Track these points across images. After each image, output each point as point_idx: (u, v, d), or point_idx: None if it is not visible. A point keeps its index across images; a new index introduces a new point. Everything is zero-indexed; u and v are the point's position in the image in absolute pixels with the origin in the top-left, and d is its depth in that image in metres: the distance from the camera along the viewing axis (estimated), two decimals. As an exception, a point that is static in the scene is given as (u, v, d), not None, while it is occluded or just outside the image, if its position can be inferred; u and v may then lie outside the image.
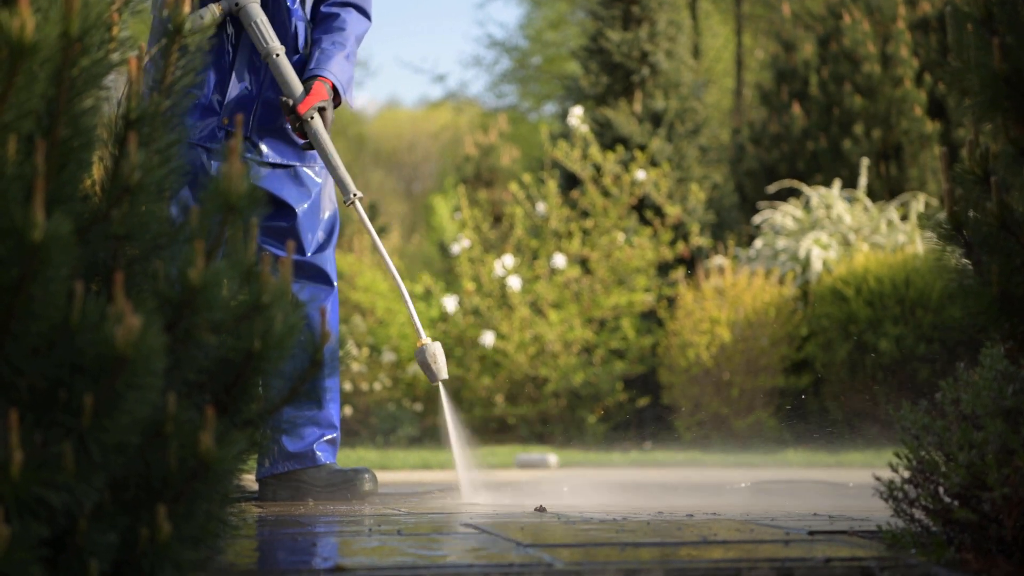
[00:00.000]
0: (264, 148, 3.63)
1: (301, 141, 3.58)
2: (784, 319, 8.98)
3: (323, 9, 3.72)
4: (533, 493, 3.93)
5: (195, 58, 1.90)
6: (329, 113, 3.55)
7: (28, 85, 1.54)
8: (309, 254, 3.68)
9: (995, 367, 2.03)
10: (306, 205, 3.68)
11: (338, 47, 3.62)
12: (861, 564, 1.90)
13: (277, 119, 3.64)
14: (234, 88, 3.58)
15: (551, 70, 20.88)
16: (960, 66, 2.11)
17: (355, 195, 3.54)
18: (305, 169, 3.70)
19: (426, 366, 3.57)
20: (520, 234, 10.19)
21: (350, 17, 3.69)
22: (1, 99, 1.52)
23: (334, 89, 3.59)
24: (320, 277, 3.70)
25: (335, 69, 3.59)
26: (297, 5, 3.67)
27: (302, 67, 3.66)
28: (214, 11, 3.48)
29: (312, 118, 3.50)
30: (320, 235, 3.71)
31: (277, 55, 3.52)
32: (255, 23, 3.52)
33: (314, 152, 3.65)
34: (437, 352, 3.55)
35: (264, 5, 3.59)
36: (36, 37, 1.51)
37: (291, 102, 3.52)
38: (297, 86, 3.53)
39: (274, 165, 3.65)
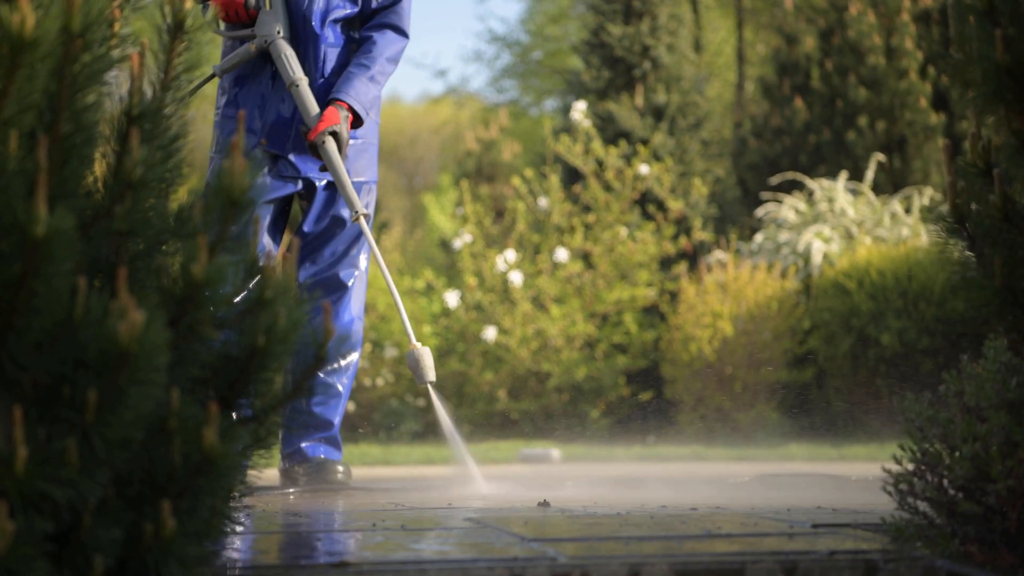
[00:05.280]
0: (299, 165, 3.96)
1: (319, 162, 3.90)
2: (786, 313, 8.97)
3: (361, 33, 4.02)
4: (535, 487, 3.94)
5: (197, 55, 1.90)
6: (344, 134, 3.84)
7: (29, 80, 1.54)
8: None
9: (998, 359, 2.02)
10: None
11: (362, 69, 3.91)
12: (865, 557, 1.90)
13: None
14: (271, 112, 3.92)
15: (552, 65, 20.85)
16: (963, 58, 2.11)
17: (360, 213, 3.84)
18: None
19: (415, 368, 3.84)
20: (522, 229, 10.19)
21: (383, 39, 3.97)
22: (2, 94, 1.52)
23: (353, 111, 3.87)
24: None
25: (354, 92, 3.88)
26: (326, 31, 3.95)
27: (329, 91, 3.98)
28: (250, 48, 3.90)
29: (323, 142, 3.80)
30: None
31: (297, 85, 3.86)
32: (282, 56, 3.87)
33: (348, 167, 3.97)
34: (425, 356, 3.81)
35: (295, 35, 3.93)
36: (37, 32, 1.51)
37: (305, 128, 3.87)
38: (313, 112, 3.84)
39: (303, 179, 3.98)
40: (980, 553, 1.92)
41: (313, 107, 3.83)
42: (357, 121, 3.90)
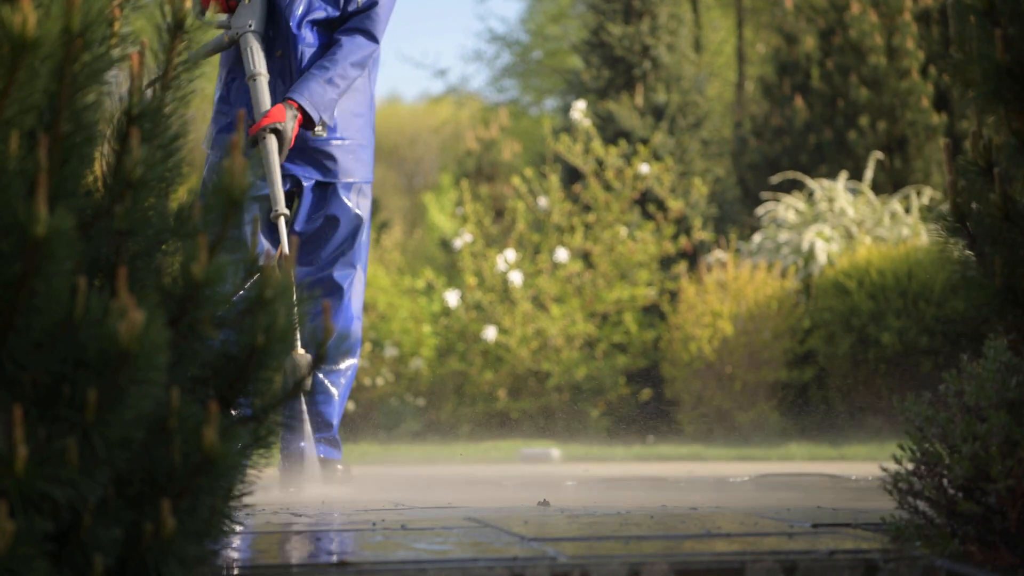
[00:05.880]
0: (286, 164, 3.98)
1: (308, 162, 3.95)
2: (786, 312, 8.97)
3: (333, 36, 4.03)
4: (531, 487, 3.95)
5: (198, 54, 1.90)
6: (288, 133, 3.86)
7: (30, 80, 1.54)
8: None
9: (998, 359, 2.02)
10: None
11: (321, 71, 3.94)
12: (865, 556, 1.90)
13: (299, 139, 3.96)
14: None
15: (552, 64, 20.85)
16: (963, 58, 2.11)
17: (279, 212, 3.86)
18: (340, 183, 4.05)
19: (287, 373, 3.78)
20: (522, 228, 10.19)
21: (350, 43, 3.99)
22: (3, 94, 1.52)
23: (303, 111, 3.89)
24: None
25: (308, 92, 3.91)
26: (303, 31, 3.98)
27: None
28: (223, 38, 3.98)
29: (262, 138, 3.84)
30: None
31: (255, 79, 3.91)
32: (247, 49, 3.92)
33: (335, 168, 4.01)
34: (300, 365, 3.80)
35: (278, 34, 3.98)
36: (38, 33, 1.51)
37: (251, 122, 3.92)
38: (264, 108, 3.89)
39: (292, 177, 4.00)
40: (980, 553, 1.92)
41: (265, 103, 3.88)
42: (309, 122, 3.92)
